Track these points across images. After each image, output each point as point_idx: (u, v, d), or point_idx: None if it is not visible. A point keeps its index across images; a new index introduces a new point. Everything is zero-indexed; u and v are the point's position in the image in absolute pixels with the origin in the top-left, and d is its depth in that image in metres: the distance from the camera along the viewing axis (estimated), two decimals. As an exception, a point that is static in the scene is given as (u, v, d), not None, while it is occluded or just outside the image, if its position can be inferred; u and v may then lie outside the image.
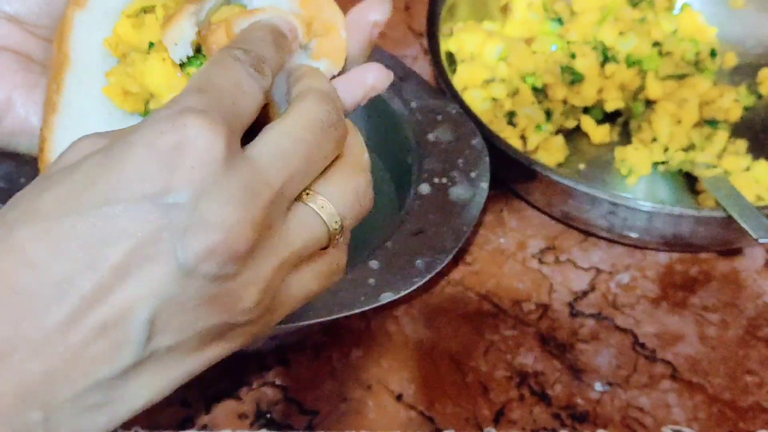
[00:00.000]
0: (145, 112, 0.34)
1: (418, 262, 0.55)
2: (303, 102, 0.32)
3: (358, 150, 0.34)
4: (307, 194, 0.32)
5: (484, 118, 0.67)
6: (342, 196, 0.32)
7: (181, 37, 0.33)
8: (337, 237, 0.33)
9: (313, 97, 0.32)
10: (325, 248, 0.33)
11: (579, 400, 0.58)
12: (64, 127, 0.34)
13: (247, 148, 0.30)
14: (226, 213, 0.28)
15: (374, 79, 0.36)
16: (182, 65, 0.34)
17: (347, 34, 0.35)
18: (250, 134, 0.31)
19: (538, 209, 0.68)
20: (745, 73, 0.78)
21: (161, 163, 0.28)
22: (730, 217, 0.59)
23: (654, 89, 0.72)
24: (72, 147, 0.30)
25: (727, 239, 0.64)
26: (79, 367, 0.28)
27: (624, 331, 0.62)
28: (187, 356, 0.31)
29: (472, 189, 0.60)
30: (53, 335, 0.28)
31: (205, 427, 0.55)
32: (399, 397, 0.57)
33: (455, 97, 0.66)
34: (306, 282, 0.33)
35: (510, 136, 0.69)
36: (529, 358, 0.60)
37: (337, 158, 0.33)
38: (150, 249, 0.28)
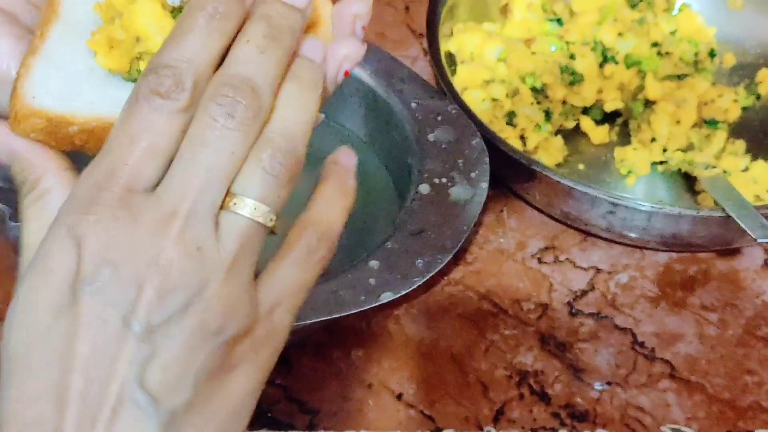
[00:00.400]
0: (129, 74, 0.34)
1: (418, 262, 0.55)
2: (201, 104, 0.31)
3: (274, 125, 0.33)
4: (226, 197, 0.32)
5: (484, 119, 0.67)
6: (252, 182, 0.32)
7: None
8: (269, 221, 0.32)
9: (209, 93, 0.31)
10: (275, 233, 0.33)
11: (578, 400, 0.58)
12: (42, 71, 0.33)
13: (159, 185, 0.31)
14: (146, 267, 0.30)
15: (347, 50, 0.35)
16: (173, 11, 0.33)
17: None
18: None
19: (538, 209, 0.68)
20: (743, 73, 0.78)
21: (73, 258, 0.30)
22: (728, 216, 0.60)
23: (653, 89, 0.72)
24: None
25: (726, 239, 0.64)
26: None
27: (623, 330, 0.62)
28: (216, 398, 0.32)
29: (472, 189, 0.60)
30: None
31: (206, 426, 0.55)
32: (399, 397, 0.57)
33: (455, 98, 0.66)
34: (282, 275, 0.34)
35: (510, 137, 0.69)
36: (529, 358, 0.60)
37: None
38: (106, 332, 0.30)
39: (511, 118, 0.71)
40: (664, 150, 0.71)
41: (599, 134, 0.73)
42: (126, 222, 0.30)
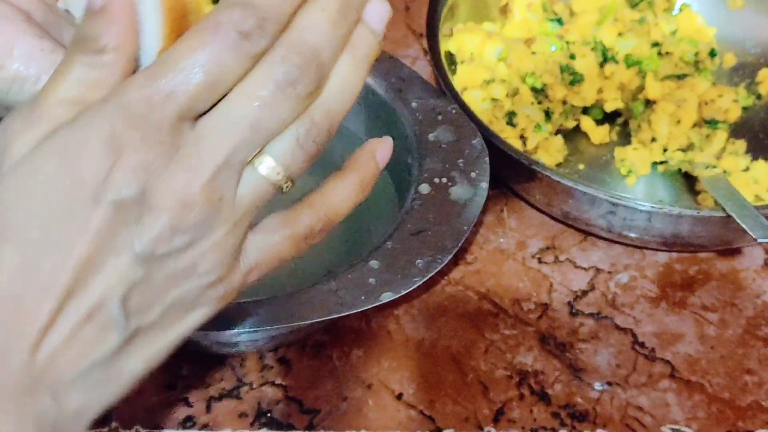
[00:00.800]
0: None
1: (418, 262, 0.55)
2: (266, 61, 0.32)
3: (326, 100, 0.34)
4: (258, 155, 0.33)
5: (484, 119, 0.67)
6: (282, 150, 0.33)
7: None
8: (284, 186, 0.34)
9: (279, 52, 0.32)
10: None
11: (578, 400, 0.58)
12: None
13: (199, 122, 0.32)
14: (170, 200, 0.31)
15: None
16: None
17: None
18: None
19: (538, 209, 0.68)
20: (744, 73, 0.78)
21: (108, 165, 0.31)
22: (729, 216, 0.60)
23: (653, 89, 0.72)
24: (13, 138, 0.32)
25: (727, 239, 0.64)
26: (75, 351, 0.32)
27: (623, 330, 0.62)
28: (170, 327, 0.34)
29: (472, 189, 0.60)
30: (45, 329, 0.31)
31: (205, 426, 0.55)
32: (399, 396, 0.57)
33: (455, 98, 0.66)
34: (275, 237, 0.35)
35: (510, 136, 0.69)
36: (529, 358, 0.60)
37: None
38: (110, 244, 0.31)
39: (511, 118, 0.71)
40: (665, 150, 0.71)
41: (599, 134, 0.73)
42: (167, 151, 0.31)
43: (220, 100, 0.32)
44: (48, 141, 0.31)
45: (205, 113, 0.32)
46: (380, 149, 0.38)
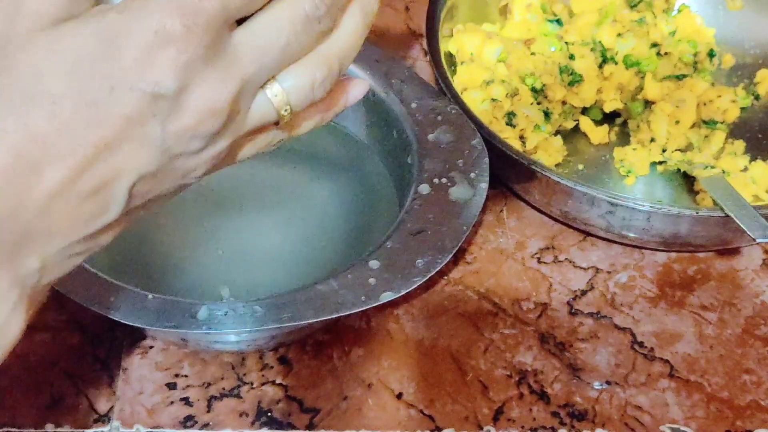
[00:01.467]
0: None
1: (418, 262, 0.55)
2: None
3: (336, 47, 0.36)
4: (270, 81, 0.35)
5: (484, 119, 0.67)
6: (297, 86, 0.35)
7: None
8: (285, 118, 0.36)
9: None
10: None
11: (578, 399, 0.58)
12: None
13: (234, 33, 0.33)
14: (201, 103, 0.33)
15: None
16: None
17: None
18: None
19: (538, 209, 0.69)
20: (742, 73, 0.78)
21: (152, 57, 0.32)
22: (727, 216, 0.60)
23: (652, 90, 0.73)
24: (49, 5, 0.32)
25: (725, 239, 0.64)
26: (72, 223, 0.33)
27: (622, 330, 0.62)
28: (147, 210, 0.36)
29: (471, 189, 0.60)
30: (57, 194, 0.33)
31: (206, 425, 0.56)
32: (399, 396, 0.57)
33: (455, 98, 0.66)
34: (247, 150, 0.37)
35: (509, 137, 0.70)
36: (529, 357, 0.60)
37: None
38: (137, 131, 0.33)
39: (510, 118, 0.71)
40: (663, 150, 0.71)
41: (599, 134, 0.73)
42: (207, 54, 0.32)
43: (246, 19, 0.34)
44: (93, 22, 0.32)
45: (239, 25, 0.34)
46: None
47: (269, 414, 0.56)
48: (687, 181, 0.70)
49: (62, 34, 0.32)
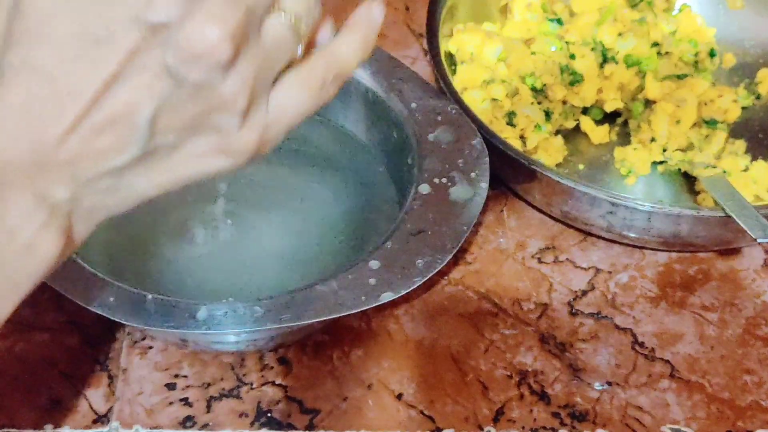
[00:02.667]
0: None
1: (418, 262, 0.55)
2: None
3: None
4: (275, 8, 0.37)
5: (484, 119, 0.67)
6: (297, 3, 0.37)
7: None
8: (302, 39, 0.38)
9: None
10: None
11: (578, 399, 0.58)
12: None
13: None
14: (208, 30, 0.33)
15: None
16: None
17: None
18: None
19: (538, 209, 0.68)
20: (743, 73, 0.78)
21: None
22: (728, 216, 0.60)
23: (653, 89, 0.72)
24: None
25: (726, 239, 0.64)
26: (94, 154, 0.35)
27: (623, 330, 0.62)
28: (189, 158, 0.37)
29: (472, 189, 0.60)
30: (72, 128, 0.34)
31: (205, 426, 0.55)
32: (399, 396, 0.57)
33: (455, 98, 0.66)
34: (293, 90, 0.38)
35: (509, 137, 0.69)
36: (529, 357, 0.60)
37: None
38: (144, 59, 0.33)
39: (511, 118, 0.71)
40: (664, 150, 0.71)
41: (599, 134, 0.73)
42: None
43: None
44: None
45: None
46: (374, 7, 0.43)
47: (269, 414, 0.56)
48: (688, 181, 0.70)
49: None
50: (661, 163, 0.71)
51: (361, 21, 0.42)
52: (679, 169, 0.70)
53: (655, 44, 0.74)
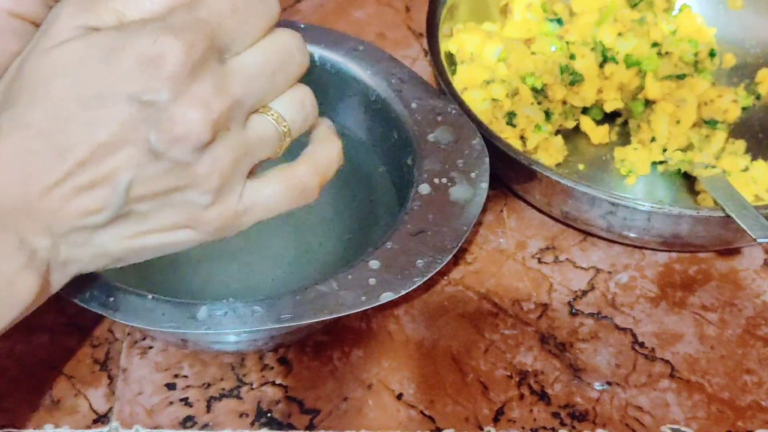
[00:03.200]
0: None
1: (418, 262, 0.55)
2: (276, 32, 0.40)
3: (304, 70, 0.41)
4: (264, 108, 0.40)
5: (484, 119, 0.67)
6: (291, 108, 0.40)
7: None
8: (286, 137, 0.41)
9: (285, 29, 0.40)
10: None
11: (578, 399, 0.58)
12: None
13: (228, 61, 0.38)
14: (191, 113, 0.36)
15: None
16: None
17: None
18: None
19: (538, 209, 0.68)
20: (743, 73, 0.78)
21: (146, 72, 0.36)
22: (728, 216, 0.60)
23: (653, 89, 0.72)
24: (59, 20, 0.37)
25: (726, 239, 0.64)
26: (72, 210, 0.37)
27: (623, 330, 0.62)
28: (159, 228, 0.40)
29: (472, 189, 0.60)
30: (56, 184, 0.37)
31: (205, 426, 0.55)
32: (399, 396, 0.57)
33: (455, 98, 0.66)
34: (274, 187, 0.41)
35: (509, 137, 0.69)
36: (529, 358, 0.60)
37: None
38: (130, 134, 0.36)
39: (511, 118, 0.71)
40: (664, 150, 0.71)
41: (599, 134, 0.73)
42: (198, 70, 0.36)
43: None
44: (96, 38, 0.36)
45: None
46: (325, 122, 0.45)
47: (269, 414, 0.56)
48: (688, 181, 0.70)
49: (68, 48, 0.36)
50: (661, 163, 0.71)
51: (326, 133, 0.45)
52: (679, 169, 0.70)
53: (655, 44, 0.74)
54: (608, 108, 0.73)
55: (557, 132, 0.73)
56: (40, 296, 0.40)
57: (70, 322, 0.60)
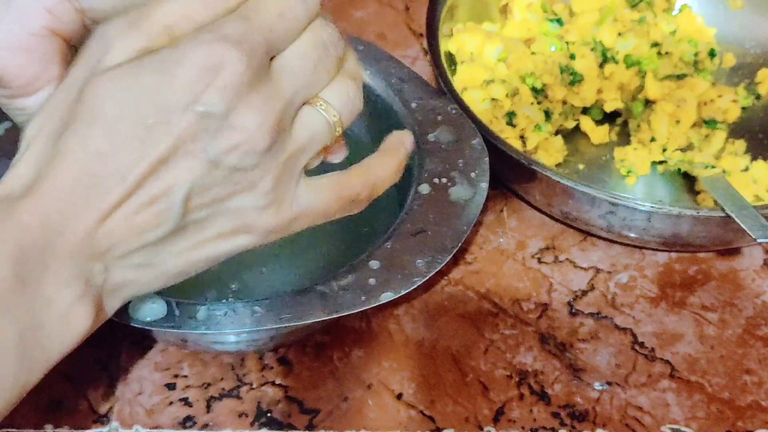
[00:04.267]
0: None
1: (418, 262, 0.55)
2: (312, 27, 0.40)
3: (351, 64, 0.42)
4: (313, 99, 0.40)
5: (484, 119, 0.67)
6: (338, 97, 0.40)
7: None
8: (337, 129, 0.41)
9: (319, 22, 0.40)
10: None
11: (578, 399, 0.58)
12: None
13: (273, 63, 0.38)
14: (249, 121, 0.37)
15: None
16: None
17: None
18: None
19: (538, 209, 0.68)
20: (743, 73, 0.78)
21: (202, 82, 0.36)
22: (728, 216, 0.60)
23: (653, 89, 0.72)
24: (114, 42, 0.37)
25: (726, 239, 0.64)
26: (132, 231, 0.37)
27: (623, 330, 0.62)
28: (216, 236, 0.40)
29: (472, 189, 0.60)
30: (116, 206, 0.36)
31: (205, 426, 0.55)
32: (399, 396, 0.57)
33: (455, 98, 0.66)
34: (325, 192, 0.42)
35: (509, 137, 0.69)
36: (529, 358, 0.60)
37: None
38: (188, 146, 0.36)
39: (511, 118, 0.71)
40: (664, 150, 0.71)
41: (599, 134, 0.73)
42: (253, 78, 0.37)
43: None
44: (150, 58, 0.36)
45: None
46: (406, 136, 0.46)
47: (269, 414, 0.56)
48: (688, 181, 0.70)
49: (123, 70, 0.36)
50: (661, 163, 0.71)
51: (394, 146, 0.46)
52: (679, 169, 0.70)
53: (655, 44, 0.74)
54: (608, 108, 0.73)
55: (557, 132, 0.73)
56: (94, 325, 0.39)
57: (70, 322, 0.60)
